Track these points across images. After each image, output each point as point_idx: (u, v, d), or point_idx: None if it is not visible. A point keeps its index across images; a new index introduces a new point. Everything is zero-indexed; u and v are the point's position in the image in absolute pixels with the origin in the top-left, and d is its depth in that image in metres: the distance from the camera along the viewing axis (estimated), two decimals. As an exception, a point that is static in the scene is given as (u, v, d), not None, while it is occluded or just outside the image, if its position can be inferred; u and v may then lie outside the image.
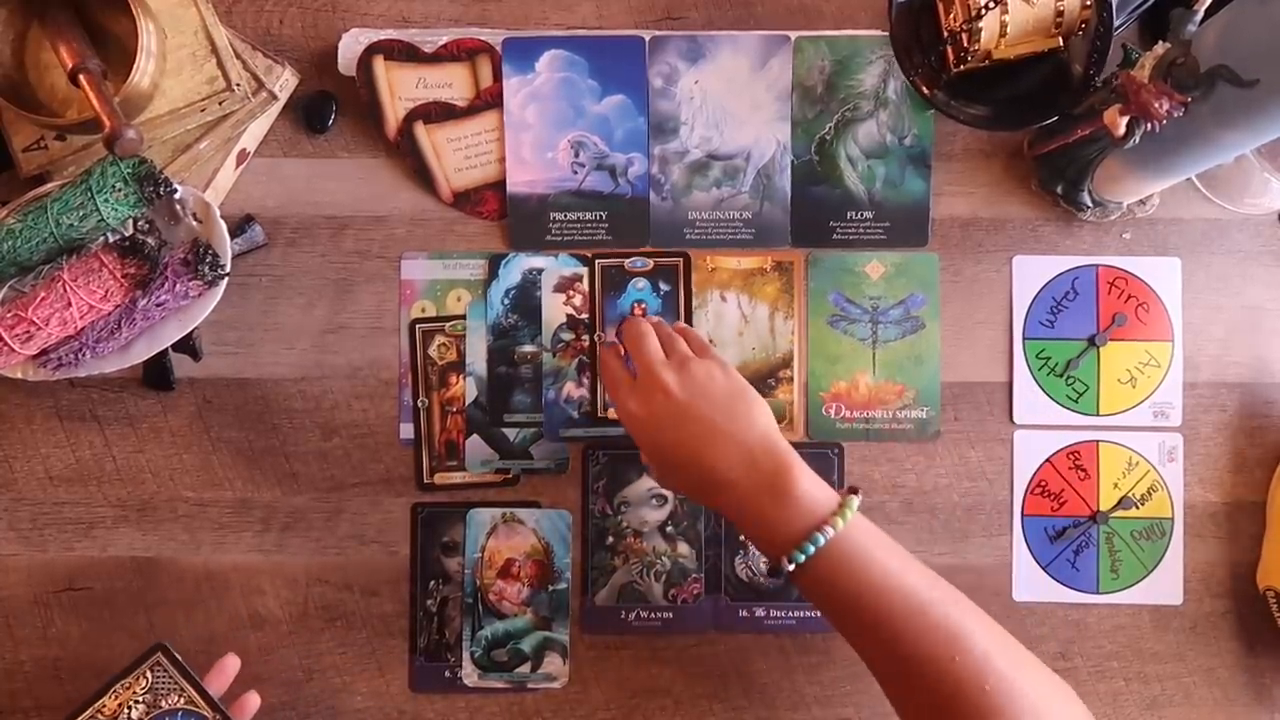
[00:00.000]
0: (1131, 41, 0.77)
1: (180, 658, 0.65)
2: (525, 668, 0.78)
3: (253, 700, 0.70)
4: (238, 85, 0.75)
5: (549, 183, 0.79)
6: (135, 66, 0.70)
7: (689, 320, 0.79)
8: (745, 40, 0.79)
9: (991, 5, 0.69)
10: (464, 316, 0.79)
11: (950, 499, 0.79)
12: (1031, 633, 0.78)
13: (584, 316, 0.79)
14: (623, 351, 0.71)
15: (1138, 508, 0.79)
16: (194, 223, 0.73)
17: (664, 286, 0.78)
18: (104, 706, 0.64)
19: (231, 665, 0.70)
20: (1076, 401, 0.79)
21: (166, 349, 0.74)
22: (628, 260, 0.79)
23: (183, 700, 0.64)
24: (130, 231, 0.73)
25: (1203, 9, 0.61)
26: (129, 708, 0.64)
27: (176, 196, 0.72)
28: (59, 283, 0.71)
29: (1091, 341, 0.79)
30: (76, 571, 0.79)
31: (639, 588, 0.78)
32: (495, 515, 0.79)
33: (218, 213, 0.72)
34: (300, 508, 0.79)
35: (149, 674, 0.65)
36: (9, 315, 0.70)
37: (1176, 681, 0.78)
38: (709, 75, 0.79)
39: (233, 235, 0.74)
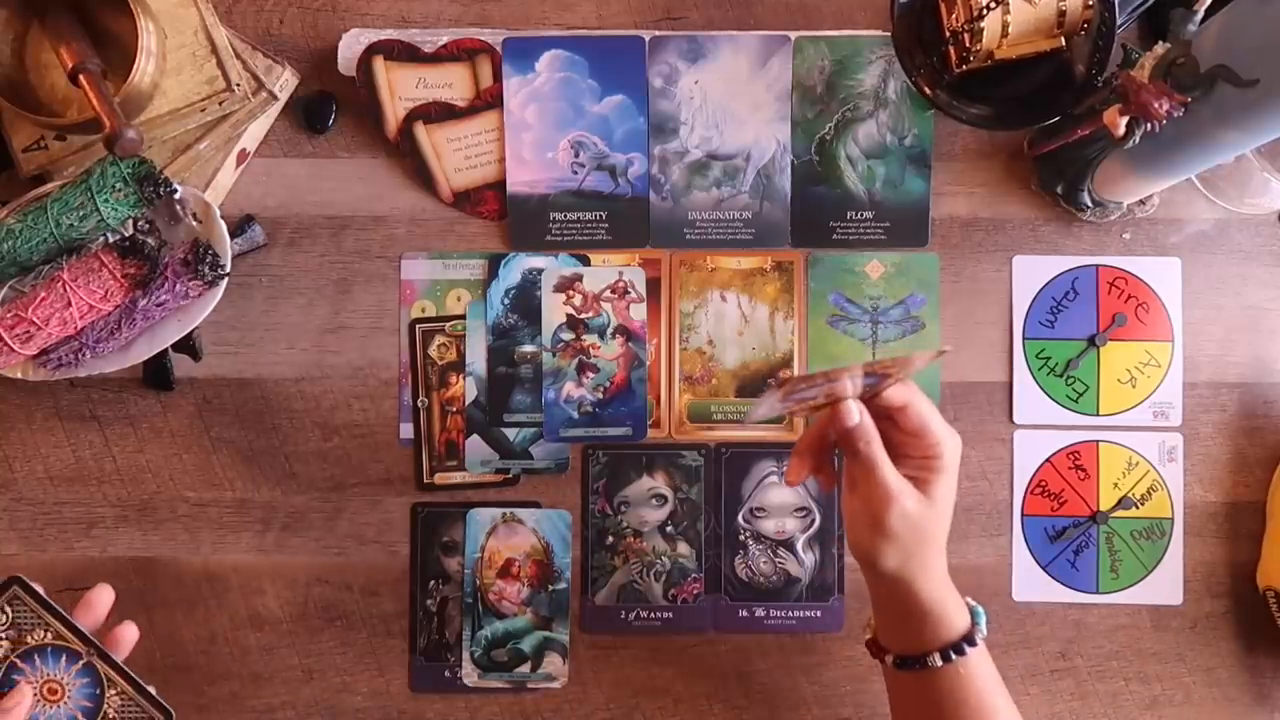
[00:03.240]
0: (1131, 41, 0.77)
1: (41, 591, 0.61)
2: (525, 668, 0.78)
3: (128, 632, 0.64)
4: (238, 85, 0.75)
5: (549, 183, 0.79)
6: (135, 66, 0.70)
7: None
8: (745, 40, 0.79)
9: (993, 5, 0.69)
10: (464, 316, 0.79)
11: (950, 499, 0.79)
12: (1031, 633, 0.78)
13: (584, 317, 0.79)
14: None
15: (1138, 508, 0.79)
16: (194, 223, 0.73)
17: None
18: None
19: (101, 598, 0.64)
20: (1076, 401, 0.79)
21: (166, 349, 0.74)
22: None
23: (50, 635, 0.61)
24: (130, 231, 0.73)
25: (1203, 9, 0.61)
26: None
27: (176, 196, 0.72)
28: (59, 283, 0.71)
29: (1091, 341, 0.79)
30: (76, 571, 0.79)
31: (639, 588, 0.78)
32: (495, 515, 0.79)
33: (218, 213, 0.72)
34: (300, 508, 0.79)
35: (8, 609, 0.61)
36: (9, 315, 0.70)
37: (1176, 681, 0.78)
38: (709, 75, 0.79)
39: (233, 235, 0.74)
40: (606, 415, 0.79)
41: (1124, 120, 0.65)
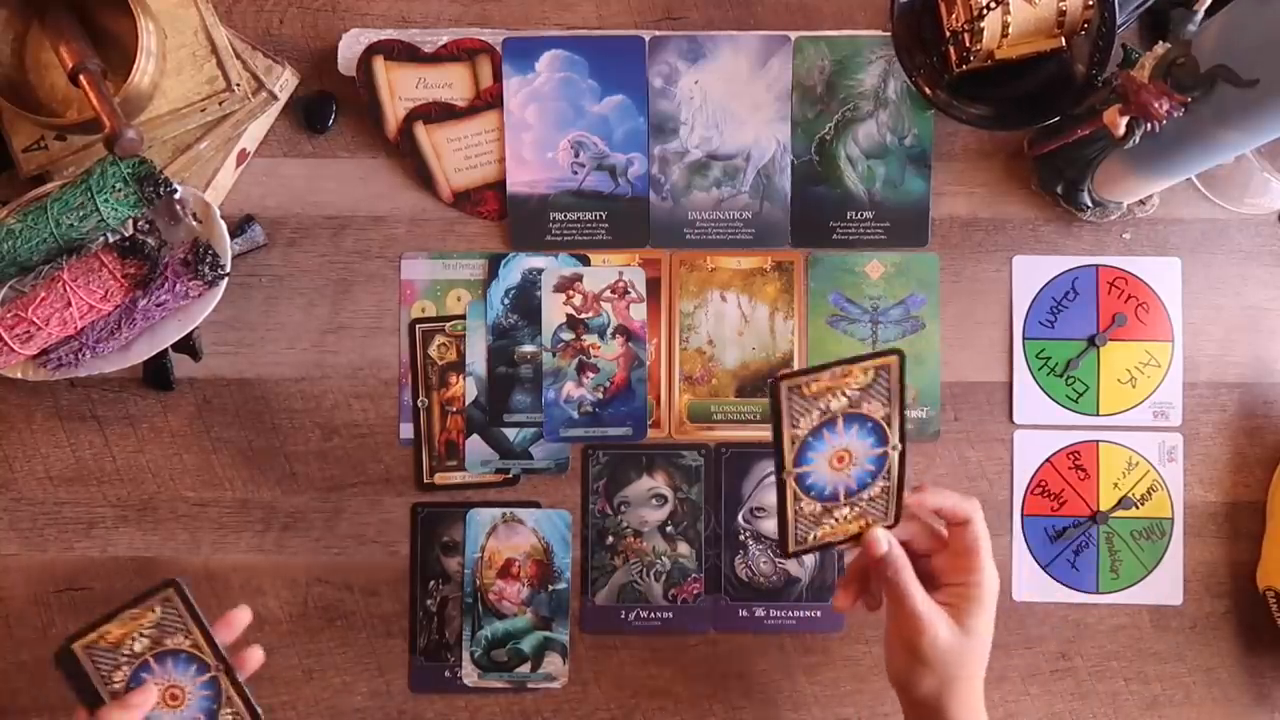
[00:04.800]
0: (1131, 41, 0.77)
1: (192, 599, 0.62)
2: (525, 668, 0.78)
3: (256, 655, 0.65)
4: (238, 85, 0.75)
5: (549, 183, 0.79)
6: (135, 66, 0.70)
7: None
8: (745, 40, 0.79)
9: (994, 5, 0.69)
10: (464, 316, 0.79)
11: (950, 499, 0.79)
12: (1031, 633, 0.78)
13: (584, 317, 0.79)
14: None
15: (1138, 508, 0.79)
16: (194, 223, 0.73)
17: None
18: (108, 633, 0.61)
19: (241, 618, 0.66)
20: (1076, 401, 0.79)
21: (166, 349, 0.74)
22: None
23: (188, 643, 0.62)
24: (130, 231, 0.73)
25: (1203, 9, 0.61)
26: (133, 639, 0.61)
27: (176, 196, 0.72)
28: (59, 283, 0.71)
29: (1091, 341, 0.79)
30: (76, 571, 0.79)
31: (639, 588, 0.78)
32: (495, 515, 0.79)
33: (218, 213, 0.72)
34: (300, 508, 0.79)
35: (158, 609, 0.61)
36: (9, 315, 0.70)
37: (1176, 681, 0.78)
38: (709, 75, 0.79)
39: (233, 235, 0.74)
40: (606, 415, 0.79)
41: (1124, 120, 0.65)
